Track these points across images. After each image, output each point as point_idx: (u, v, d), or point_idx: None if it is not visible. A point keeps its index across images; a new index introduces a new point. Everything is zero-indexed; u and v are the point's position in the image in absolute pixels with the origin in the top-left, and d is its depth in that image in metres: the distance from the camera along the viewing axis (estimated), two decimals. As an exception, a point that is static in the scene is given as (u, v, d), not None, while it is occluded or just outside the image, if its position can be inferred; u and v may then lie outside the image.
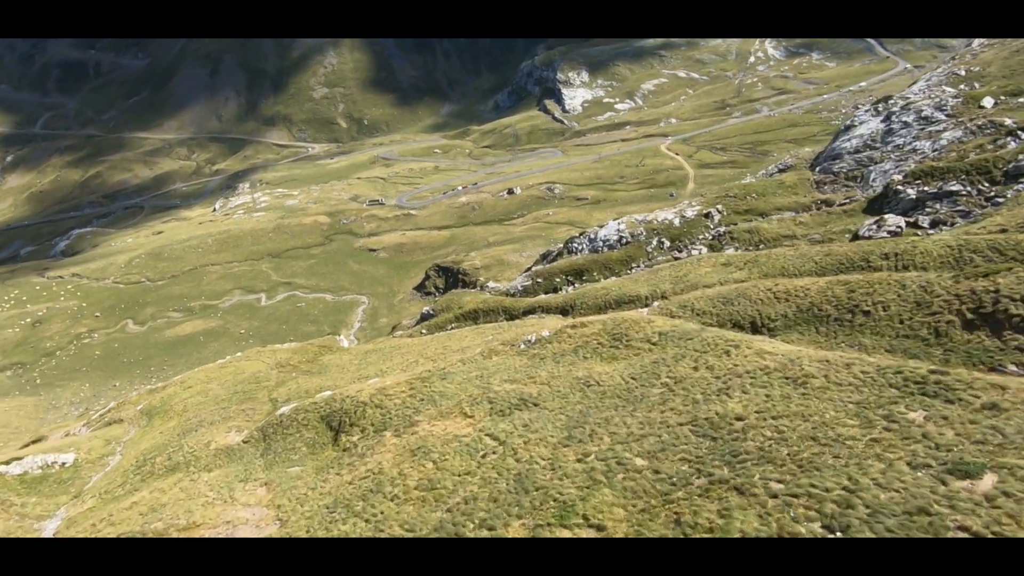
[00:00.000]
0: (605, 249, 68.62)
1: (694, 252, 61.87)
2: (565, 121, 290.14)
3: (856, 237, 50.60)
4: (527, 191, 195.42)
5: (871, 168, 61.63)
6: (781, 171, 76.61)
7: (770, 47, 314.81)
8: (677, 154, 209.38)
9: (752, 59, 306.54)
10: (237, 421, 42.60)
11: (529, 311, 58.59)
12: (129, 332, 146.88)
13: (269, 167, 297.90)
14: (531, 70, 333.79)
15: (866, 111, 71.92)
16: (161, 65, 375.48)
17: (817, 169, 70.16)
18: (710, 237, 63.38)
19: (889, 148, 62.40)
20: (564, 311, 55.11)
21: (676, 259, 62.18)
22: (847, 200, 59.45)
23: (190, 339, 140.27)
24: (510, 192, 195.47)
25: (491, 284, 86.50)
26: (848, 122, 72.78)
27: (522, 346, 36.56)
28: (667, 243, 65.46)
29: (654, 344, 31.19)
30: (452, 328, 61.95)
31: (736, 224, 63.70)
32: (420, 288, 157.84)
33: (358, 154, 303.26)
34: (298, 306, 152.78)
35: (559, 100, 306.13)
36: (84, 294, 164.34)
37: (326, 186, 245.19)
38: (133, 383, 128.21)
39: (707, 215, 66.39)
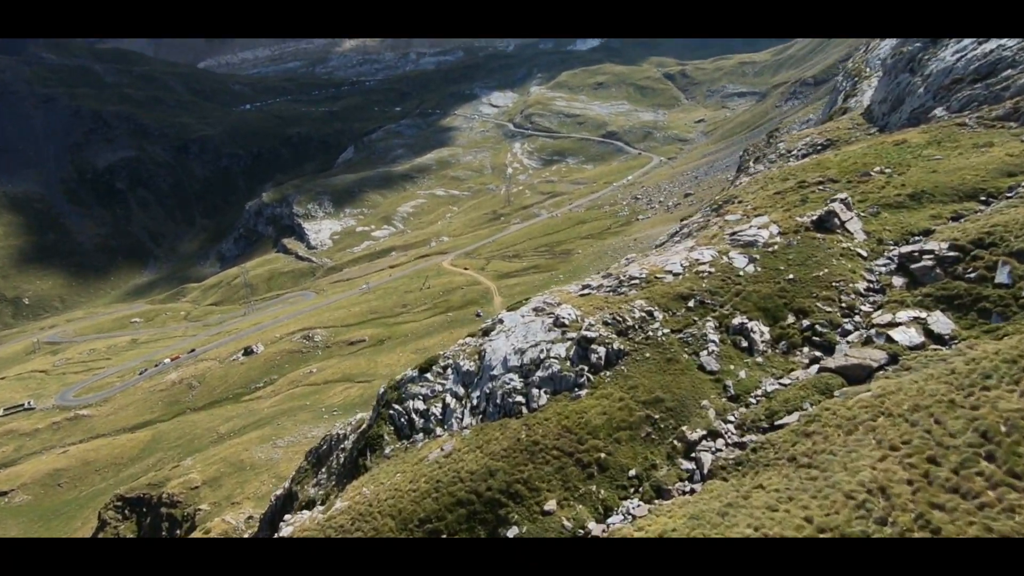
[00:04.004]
0: (548, 394, 19.15)
1: (903, 336, 14.91)
2: (314, 259, 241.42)
3: None
4: (274, 346, 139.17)
5: None
6: (816, 150, 36.31)
7: (524, 158, 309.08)
8: (466, 268, 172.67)
9: (510, 170, 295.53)
10: None
11: None
12: None
13: None
14: (260, 208, 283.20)
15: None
16: None
17: (943, 108, 30.73)
18: (937, 294, 17.46)
19: None
20: None
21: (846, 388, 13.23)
22: None
23: None
24: (248, 352, 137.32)
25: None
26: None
27: None
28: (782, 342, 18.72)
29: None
30: None
31: (948, 235, 18.79)
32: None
33: (11, 344, 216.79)
34: None
35: (301, 236, 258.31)
36: None
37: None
38: None
39: (836, 225, 21.83)
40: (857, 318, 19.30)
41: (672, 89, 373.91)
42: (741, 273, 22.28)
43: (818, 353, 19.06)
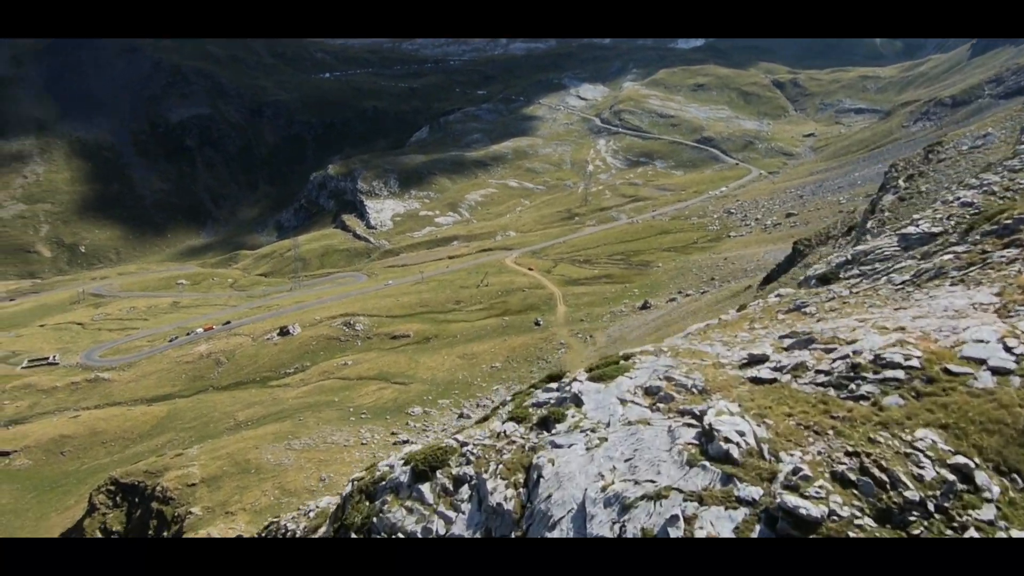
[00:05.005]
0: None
1: None
2: (371, 239, 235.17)
3: None
4: (311, 329, 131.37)
5: None
6: None
7: (608, 156, 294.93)
8: (531, 269, 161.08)
9: (591, 167, 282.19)
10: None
11: None
12: None
13: None
14: (324, 181, 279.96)
15: None
16: None
17: None
18: None
19: None
20: None
21: None
22: None
23: None
24: (283, 333, 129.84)
25: None
26: None
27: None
28: None
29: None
30: None
31: None
32: (75, 532, 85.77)
33: (60, 291, 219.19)
34: None
35: (362, 214, 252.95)
36: None
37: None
38: None
39: None
40: None
41: (780, 98, 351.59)
42: None
43: None
